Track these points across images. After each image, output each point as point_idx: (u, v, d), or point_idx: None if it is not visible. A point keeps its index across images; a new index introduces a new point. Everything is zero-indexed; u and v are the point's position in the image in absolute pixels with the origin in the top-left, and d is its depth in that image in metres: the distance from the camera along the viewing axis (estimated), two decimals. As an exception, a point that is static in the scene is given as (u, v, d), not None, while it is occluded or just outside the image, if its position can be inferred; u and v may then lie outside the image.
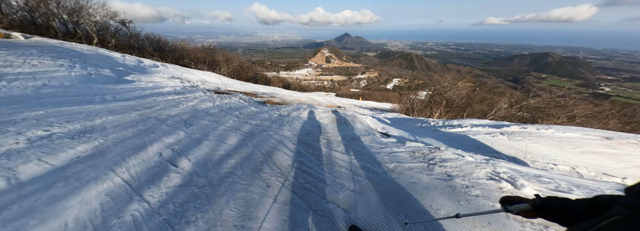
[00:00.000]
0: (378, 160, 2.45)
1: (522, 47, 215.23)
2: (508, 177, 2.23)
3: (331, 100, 15.10)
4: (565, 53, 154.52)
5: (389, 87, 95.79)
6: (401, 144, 3.03)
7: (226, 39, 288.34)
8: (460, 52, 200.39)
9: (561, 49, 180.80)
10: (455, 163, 2.39)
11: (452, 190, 1.90)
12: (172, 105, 3.72)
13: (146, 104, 3.66)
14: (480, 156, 2.76)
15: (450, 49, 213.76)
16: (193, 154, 2.17)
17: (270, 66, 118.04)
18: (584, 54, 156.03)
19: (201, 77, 9.74)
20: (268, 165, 2.12)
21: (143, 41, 13.47)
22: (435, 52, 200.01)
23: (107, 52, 8.48)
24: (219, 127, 2.86)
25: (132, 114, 3.06)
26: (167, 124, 2.82)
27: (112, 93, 3.97)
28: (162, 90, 4.91)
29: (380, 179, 2.04)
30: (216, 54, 19.86)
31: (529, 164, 3.69)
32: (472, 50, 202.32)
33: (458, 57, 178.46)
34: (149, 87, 5.01)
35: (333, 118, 4.05)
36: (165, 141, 2.36)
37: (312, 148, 2.58)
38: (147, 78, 6.03)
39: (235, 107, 4.18)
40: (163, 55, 13.65)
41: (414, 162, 2.45)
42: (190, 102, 4.08)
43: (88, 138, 2.23)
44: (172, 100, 4.06)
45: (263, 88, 12.51)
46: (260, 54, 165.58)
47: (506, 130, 5.14)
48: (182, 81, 6.88)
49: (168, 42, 15.73)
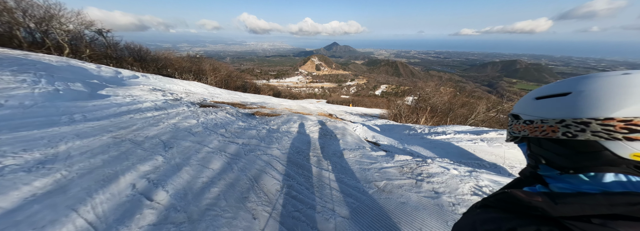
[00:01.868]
0: (368, 179, 2.38)
1: (493, 55, 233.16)
2: (489, 191, 2.25)
3: (322, 107, 15.11)
4: (530, 60, 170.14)
5: (377, 93, 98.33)
6: (390, 158, 3.01)
7: (214, 48, 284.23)
8: (440, 59, 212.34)
9: (526, 57, 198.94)
10: (441, 178, 2.39)
11: (440, 209, 1.87)
12: (151, 124, 3.47)
13: (121, 124, 3.39)
14: (464, 168, 2.80)
15: (431, 57, 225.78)
16: (171, 183, 1.99)
17: (260, 74, 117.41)
18: (545, 61, 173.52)
19: (186, 88, 9.39)
20: (255, 192, 1.98)
21: (122, 51, 12.82)
22: (418, 59, 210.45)
23: (80, 63, 7.97)
24: (202, 149, 2.68)
25: (104, 137, 2.80)
26: (144, 148, 2.59)
27: (83, 112, 3.65)
28: (140, 106, 4.61)
29: (371, 201, 1.97)
30: (203, 62, 19.38)
31: (508, 170, 3.85)
32: (450, 58, 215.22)
33: (439, 64, 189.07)
34: (126, 102, 4.70)
35: (324, 132, 3.98)
36: (141, 169, 2.15)
37: (302, 168, 2.47)
38: (125, 92, 5.68)
39: (221, 123, 3.98)
40: (144, 65, 13.06)
41: (403, 178, 2.42)
42: (171, 119, 3.84)
43: (48, 170, 1.98)
44: (151, 118, 3.80)
45: (253, 97, 12.27)
46: (249, 62, 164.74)
47: (485, 136, 5.38)
48: (164, 93, 6.55)
49: (150, 51, 15.13)
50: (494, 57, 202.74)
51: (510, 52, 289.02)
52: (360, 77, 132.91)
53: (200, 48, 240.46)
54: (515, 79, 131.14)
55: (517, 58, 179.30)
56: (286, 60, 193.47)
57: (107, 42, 11.69)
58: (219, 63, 25.84)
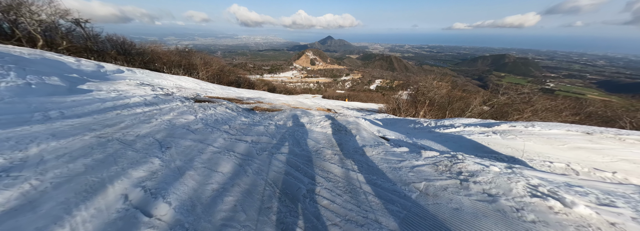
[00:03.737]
0: (404, 180, 2.08)
1: (483, 49, 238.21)
2: (548, 191, 1.99)
3: (319, 102, 14.76)
4: (518, 54, 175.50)
5: (372, 88, 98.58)
6: (417, 155, 2.73)
7: (203, 41, 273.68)
8: (433, 54, 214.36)
9: (514, 51, 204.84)
10: (486, 177, 2.11)
11: (503, 216, 1.59)
12: (142, 121, 3.02)
13: (107, 121, 2.92)
14: (499, 163, 2.55)
15: (425, 51, 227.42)
16: (174, 192, 1.61)
17: (253, 69, 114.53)
18: (532, 55, 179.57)
19: (176, 83, 8.77)
20: (279, 199, 1.64)
21: (104, 43, 11.83)
22: (412, 54, 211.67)
23: (57, 56, 7.21)
24: (207, 149, 2.29)
25: (87, 136, 2.36)
26: (136, 149, 2.18)
27: (60, 108, 3.14)
28: (128, 101, 4.10)
29: (418, 208, 1.67)
30: (193, 56, 18.41)
31: (528, 163, 3.67)
32: (443, 53, 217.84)
33: (432, 58, 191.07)
34: (111, 97, 4.17)
35: (337, 128, 3.64)
36: (134, 175, 1.75)
37: (325, 169, 2.14)
38: (109, 87, 5.12)
39: (222, 118, 3.57)
40: (129, 59, 12.15)
41: (443, 178, 2.13)
42: (165, 115, 3.39)
43: (14, 179, 1.56)
44: (141, 114, 3.33)
45: (247, 92, 11.73)
46: (241, 57, 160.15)
47: (497, 128, 5.23)
48: (154, 88, 6.00)
49: (135, 44, 14.12)
50: (484, 52, 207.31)
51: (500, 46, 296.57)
52: (355, 72, 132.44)
53: (188, 41, 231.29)
54: (504, 73, 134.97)
55: (506, 52, 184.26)
56: (280, 54, 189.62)
57: (86, 33, 10.70)
58: (211, 57, 24.72)
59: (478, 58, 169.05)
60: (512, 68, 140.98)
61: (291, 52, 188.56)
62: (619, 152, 3.58)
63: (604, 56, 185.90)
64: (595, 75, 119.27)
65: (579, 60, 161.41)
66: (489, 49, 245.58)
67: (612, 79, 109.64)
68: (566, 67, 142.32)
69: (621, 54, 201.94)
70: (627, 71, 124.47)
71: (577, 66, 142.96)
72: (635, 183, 3.03)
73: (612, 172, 3.07)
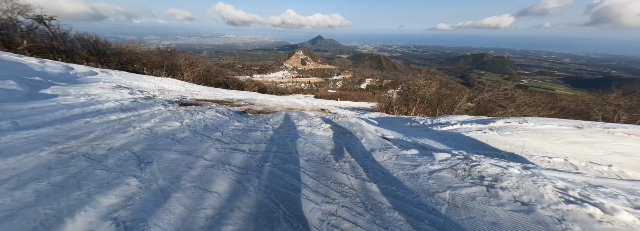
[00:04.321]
0: (426, 189, 1.86)
1: (465, 49, 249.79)
2: (580, 195, 1.84)
3: (312, 102, 14.45)
4: (495, 53, 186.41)
5: (362, 87, 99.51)
6: (430, 157, 2.53)
7: (187, 41, 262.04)
8: (419, 53, 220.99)
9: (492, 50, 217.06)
10: (510, 181, 1.94)
11: (547, 230, 1.40)
12: (117, 130, 2.59)
13: (72, 131, 2.46)
14: (514, 163, 2.41)
15: (412, 51, 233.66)
16: (157, 224, 1.26)
17: (242, 69, 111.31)
18: (508, 54, 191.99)
19: (159, 85, 8.12)
20: (291, 225, 1.34)
21: (73, 42, 10.72)
22: (400, 53, 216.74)
23: (16, 57, 6.38)
24: (196, 163, 1.93)
25: (44, 152, 1.92)
26: (107, 166, 1.78)
27: (13, 117, 2.63)
28: (100, 107, 3.59)
29: (453, 226, 1.44)
30: (176, 57, 17.38)
31: (528, 159, 3.64)
32: (428, 52, 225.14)
33: (418, 58, 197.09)
34: (80, 103, 3.64)
35: (340, 130, 3.38)
36: (103, 203, 1.38)
37: (338, 183, 1.86)
38: (79, 90, 4.53)
39: (213, 124, 3.18)
40: (104, 59, 11.16)
41: (466, 184, 1.93)
42: (145, 122, 2.95)
43: None
44: (116, 122, 2.88)
45: (237, 93, 11.19)
46: (229, 57, 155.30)
47: (493, 125, 5.23)
48: (132, 91, 5.43)
49: (110, 43, 13.03)
50: (465, 51, 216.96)
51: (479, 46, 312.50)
52: (346, 71, 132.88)
53: (171, 41, 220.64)
54: (484, 71, 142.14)
55: (485, 51, 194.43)
56: (270, 54, 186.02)
57: (51, 31, 9.60)
58: (196, 57, 23.52)
59: (460, 57, 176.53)
60: (491, 67, 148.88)
61: (281, 52, 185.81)
62: (609, 145, 3.67)
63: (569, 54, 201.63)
64: (562, 72, 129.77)
65: (548, 58, 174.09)
66: (469, 48, 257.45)
67: (576, 75, 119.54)
68: (537, 64, 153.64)
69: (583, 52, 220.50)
70: (588, 68, 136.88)
71: (546, 64, 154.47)
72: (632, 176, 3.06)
73: (607, 165, 3.10)
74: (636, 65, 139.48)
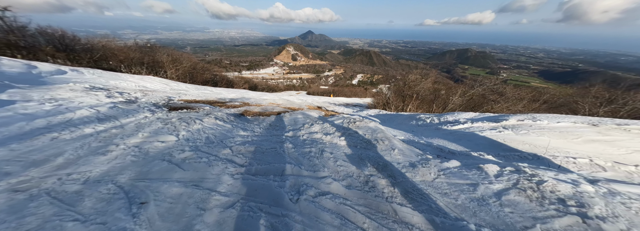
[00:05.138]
0: (508, 222, 1.51)
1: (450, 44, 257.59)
2: None
3: (305, 99, 13.89)
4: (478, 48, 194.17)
5: (354, 83, 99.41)
6: (480, 172, 2.20)
7: (168, 35, 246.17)
8: (408, 48, 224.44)
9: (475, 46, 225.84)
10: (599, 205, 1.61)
11: None
12: (95, 150, 2.00)
13: (33, 154, 1.86)
14: (571, 175, 2.14)
15: (401, 47, 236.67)
16: None
17: (230, 65, 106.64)
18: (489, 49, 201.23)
19: (140, 84, 7.27)
20: None
21: (34, 37, 9.34)
22: (389, 49, 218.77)
23: (-39, 53, 5.35)
24: (209, 200, 1.44)
25: (-14, 193, 1.35)
26: (83, 212, 1.26)
27: (-54, 137, 1.97)
28: (71, 116, 2.92)
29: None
30: (157, 53, 15.99)
31: (552, 160, 3.46)
32: (416, 47, 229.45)
33: (407, 53, 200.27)
34: (45, 111, 2.95)
35: (363, 139, 2.98)
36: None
37: (401, 221, 1.46)
38: (44, 94, 3.77)
39: (215, 136, 2.65)
40: (73, 56, 9.85)
41: (550, 212, 1.59)
42: (131, 136, 2.37)
43: None
44: (93, 137, 2.28)
45: (227, 92, 10.42)
46: (215, 52, 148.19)
47: (507, 123, 5.09)
48: (110, 93, 4.69)
49: (79, 38, 11.59)
50: (451, 46, 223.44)
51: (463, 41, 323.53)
52: (337, 67, 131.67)
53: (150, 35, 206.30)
54: (467, 66, 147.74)
55: (468, 47, 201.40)
56: (259, 49, 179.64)
57: (5, 24, 8.26)
58: (179, 53, 21.84)
59: (446, 52, 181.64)
60: (474, 61, 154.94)
61: (271, 47, 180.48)
62: (628, 143, 3.57)
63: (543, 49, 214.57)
64: (536, 66, 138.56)
65: (524, 53, 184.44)
66: (454, 44, 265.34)
67: (549, 69, 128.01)
68: (515, 59, 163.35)
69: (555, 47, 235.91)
70: (559, 62, 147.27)
71: (523, 58, 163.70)
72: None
73: (634, 165, 2.97)
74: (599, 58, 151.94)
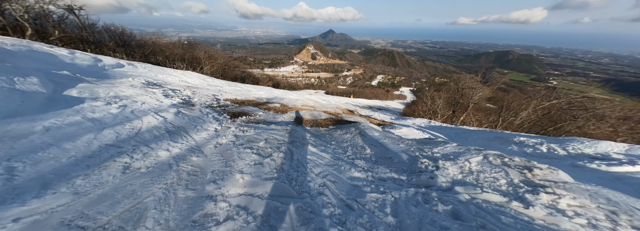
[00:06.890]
0: None
1: (487, 45, 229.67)
2: None
3: (329, 100, 12.64)
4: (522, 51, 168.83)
5: (374, 84, 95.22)
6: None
7: (202, 33, 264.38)
8: (436, 49, 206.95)
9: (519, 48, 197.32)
10: None
11: None
12: (186, 213, 1.44)
13: (99, 203, 1.34)
14: None
15: (428, 47, 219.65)
16: None
17: (254, 63, 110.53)
18: (536, 52, 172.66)
19: (182, 79, 7.19)
20: None
21: (101, 33, 9.99)
22: (415, 49, 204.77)
23: (47, 47, 5.64)
24: None
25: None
26: None
27: (12, 156, 1.58)
28: (139, 126, 2.51)
29: None
30: (196, 49, 16.50)
31: None
32: (446, 48, 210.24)
33: (434, 54, 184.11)
34: (112, 117, 2.58)
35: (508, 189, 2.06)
36: None
37: None
38: (108, 91, 3.52)
39: (334, 182, 1.97)
40: (129, 51, 10.39)
41: None
42: (225, 179, 1.78)
43: None
44: (173, 174, 1.74)
45: (256, 89, 9.99)
46: (241, 50, 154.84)
47: None
48: (165, 91, 4.41)
49: (135, 35, 12.31)
50: (488, 48, 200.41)
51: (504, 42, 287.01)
52: (356, 67, 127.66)
53: (188, 33, 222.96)
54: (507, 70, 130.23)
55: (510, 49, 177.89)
56: (280, 48, 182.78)
57: (80, 22, 8.89)
58: (214, 50, 22.51)
59: (481, 54, 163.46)
60: (516, 65, 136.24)
61: (292, 46, 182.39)
62: None
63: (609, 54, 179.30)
64: (598, 73, 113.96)
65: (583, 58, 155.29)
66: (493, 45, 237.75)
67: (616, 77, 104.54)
68: (570, 64, 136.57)
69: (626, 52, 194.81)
70: (632, 69, 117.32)
71: (581, 64, 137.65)
72: None
73: None
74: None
